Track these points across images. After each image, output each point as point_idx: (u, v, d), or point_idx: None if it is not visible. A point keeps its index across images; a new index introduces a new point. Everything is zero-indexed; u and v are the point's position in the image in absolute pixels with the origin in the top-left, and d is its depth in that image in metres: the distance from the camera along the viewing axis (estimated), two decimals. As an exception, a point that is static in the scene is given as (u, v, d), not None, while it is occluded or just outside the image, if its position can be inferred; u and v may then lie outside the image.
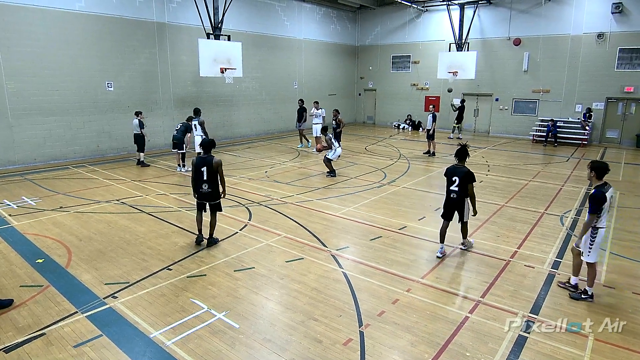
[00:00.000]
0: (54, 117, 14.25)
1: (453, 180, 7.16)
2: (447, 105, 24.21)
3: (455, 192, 7.13)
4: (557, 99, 20.66)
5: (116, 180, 12.33)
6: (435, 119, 16.25)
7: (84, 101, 14.91)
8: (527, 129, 21.37)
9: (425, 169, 14.36)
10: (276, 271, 6.60)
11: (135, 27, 15.95)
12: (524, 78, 21.44)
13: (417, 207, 9.97)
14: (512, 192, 11.35)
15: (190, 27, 17.36)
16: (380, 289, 6.04)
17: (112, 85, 15.58)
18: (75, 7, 14.28)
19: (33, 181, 12.07)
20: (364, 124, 28.20)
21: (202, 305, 5.54)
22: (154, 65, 16.70)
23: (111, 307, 5.51)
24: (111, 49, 15.39)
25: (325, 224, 8.76)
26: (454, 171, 7.22)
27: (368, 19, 26.71)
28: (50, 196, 10.62)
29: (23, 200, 10.24)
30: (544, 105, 21.06)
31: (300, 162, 15.24)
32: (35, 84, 13.70)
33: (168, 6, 16.84)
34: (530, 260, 7.00)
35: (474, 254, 7.28)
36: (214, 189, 7.34)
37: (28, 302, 5.62)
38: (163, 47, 16.87)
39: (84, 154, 15.21)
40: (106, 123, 15.62)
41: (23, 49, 13.32)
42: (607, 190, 5.52)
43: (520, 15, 21.14)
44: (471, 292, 5.96)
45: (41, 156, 14.18)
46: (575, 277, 5.98)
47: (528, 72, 21.26)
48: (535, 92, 21.19)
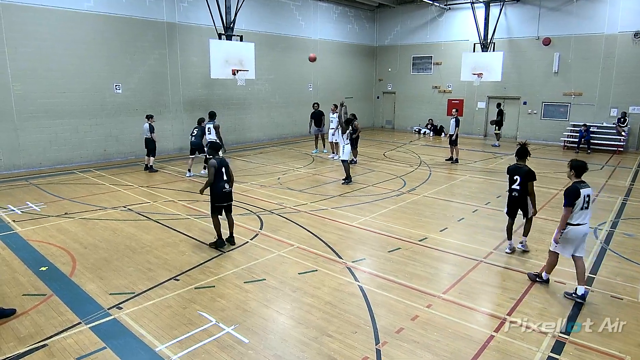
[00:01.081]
0: (60, 120, 14.55)
1: (515, 179, 7.68)
2: (471, 108, 24.06)
3: (517, 190, 7.66)
4: (590, 102, 20.33)
5: (123, 186, 12.50)
6: (459, 124, 16.12)
7: (91, 104, 15.20)
8: (558, 134, 21.06)
9: (448, 177, 14.24)
10: (288, 283, 6.59)
11: (145, 28, 16.25)
12: (554, 80, 21.17)
13: (439, 218, 9.88)
14: (541, 202, 11.15)
15: (201, 27, 17.61)
16: (398, 304, 5.98)
17: (121, 87, 15.86)
18: (84, 7, 14.61)
19: (38, 186, 12.32)
20: (383, 128, 28.15)
21: (210, 318, 5.55)
22: (163, 66, 16.96)
23: (116, 318, 5.56)
24: (120, 50, 15.69)
25: (340, 234, 8.74)
26: (515, 170, 7.71)
27: (387, 18, 26.75)
28: (55, 202, 10.82)
29: (27, 205, 10.45)
30: (576, 109, 20.74)
31: (315, 169, 15.26)
32: (42, 86, 14.02)
33: (179, 6, 17.12)
34: (560, 276, 6.85)
35: (500, 268, 7.17)
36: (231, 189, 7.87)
37: (30, 311, 5.71)
38: (173, 48, 17.14)
39: (90, 158, 15.47)
40: (114, 126, 15.89)
41: (30, 50, 13.66)
42: (583, 188, 6.10)
43: (550, 13, 20.94)
44: (497, 309, 5.86)
45: (47, 160, 14.47)
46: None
47: (559, 74, 20.99)
48: (567, 95, 20.90)
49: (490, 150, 19.81)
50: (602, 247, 8.13)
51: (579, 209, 6.08)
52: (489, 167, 15.82)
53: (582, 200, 6.05)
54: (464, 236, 8.68)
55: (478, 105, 23.98)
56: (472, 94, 23.87)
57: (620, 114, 19.39)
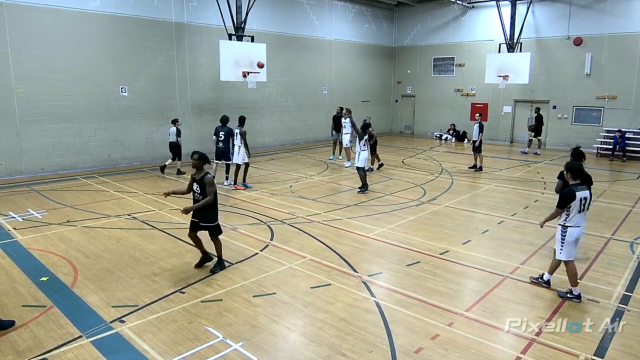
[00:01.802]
0: (64, 124, 14.81)
1: None
2: (496, 113, 23.90)
3: None
4: (625, 106, 20.02)
5: (128, 193, 12.64)
6: (483, 129, 16.02)
7: (96, 107, 15.45)
8: (590, 140, 20.75)
9: (471, 186, 14.13)
10: (300, 298, 6.57)
11: (153, 28, 16.50)
12: (586, 83, 20.92)
13: (462, 229, 9.79)
14: (572, 213, 10.99)
15: (210, 28, 17.82)
16: (417, 322, 5.92)
17: (127, 90, 16.10)
18: (90, 7, 14.90)
19: (40, 192, 12.52)
20: (401, 134, 28.09)
21: (217, 334, 5.55)
22: (171, 68, 17.19)
23: (118, 332, 5.59)
24: (126, 52, 15.96)
25: (356, 246, 8.70)
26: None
27: (406, 17, 26.79)
28: (58, 209, 10.98)
29: (29, 212, 10.62)
30: (610, 113, 20.44)
31: (329, 176, 15.26)
32: (46, 89, 14.30)
33: (188, 5, 17.36)
34: (594, 294, 6.72)
35: (527, 285, 7.06)
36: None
37: (30, 323, 5.78)
38: (181, 49, 17.36)
39: (94, 163, 15.70)
40: (119, 131, 16.11)
41: (34, 51, 13.96)
42: (579, 190, 6.38)
43: (581, 11, 20.74)
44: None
45: (49, 166, 14.72)
46: (549, 274, 6.85)
47: (591, 76, 20.74)
48: (600, 98, 20.62)
49: (517, 157, 19.62)
50: (639, 262, 7.96)
51: (576, 212, 6.36)
52: (515, 175, 15.66)
53: (578, 203, 6.33)
54: (489, 250, 8.58)
55: (504, 109, 23.80)
56: (497, 98, 23.71)
57: (658, 119, 19.07)
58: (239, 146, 13.19)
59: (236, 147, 13.36)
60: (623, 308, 6.31)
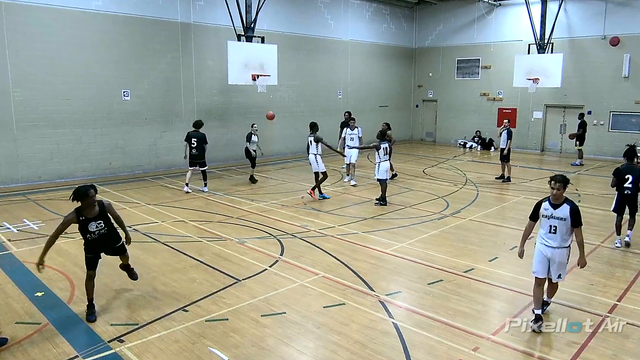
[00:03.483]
0: (62, 129, 15.03)
1: (626, 178, 9.28)
2: (525, 119, 23.74)
3: (630, 188, 9.26)
4: (668, 112, 19.78)
5: (128, 203, 12.76)
6: (511, 137, 15.91)
7: (96, 112, 15.67)
8: (629, 149, 20.48)
9: (498, 198, 14.01)
10: (312, 318, 6.54)
11: (157, 28, 16.74)
12: (625, 86, 20.72)
13: (488, 245, 9.70)
14: (609, 228, 10.81)
15: (218, 28, 18.02)
16: (439, 345, 5.86)
17: (129, 94, 16.31)
18: (92, 6, 15.18)
19: (37, 202, 12.69)
20: (422, 141, 28.02)
21: (223, 356, 5.54)
22: (176, 71, 17.39)
23: (116, 352, 5.61)
24: (129, 53, 16.20)
25: (372, 263, 8.66)
26: (627, 170, 9.39)
27: (428, 17, 26.85)
28: (55, 220, 11.06)
29: (24, 223, 10.76)
30: (651, 120, 20.21)
31: (344, 187, 15.25)
32: (44, 92, 14.55)
33: (194, 4, 17.60)
34: (634, 317, 6.59)
35: (560, 306, 6.95)
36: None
37: (23, 341, 5.82)
38: (187, 50, 17.57)
39: (94, 172, 15.89)
40: (120, 137, 16.30)
41: (33, 53, 14.23)
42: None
43: (618, 9, 20.60)
44: (556, 355, 5.66)
45: (47, 173, 14.93)
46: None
47: (629, 79, 20.55)
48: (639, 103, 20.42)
49: (549, 167, 19.42)
50: (684, 283, 7.80)
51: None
52: (546, 187, 15.44)
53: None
54: (517, 267, 8.46)
55: (534, 115, 23.64)
56: (527, 102, 23.58)
57: None
58: (316, 155, 13.43)
59: (311, 156, 13.63)
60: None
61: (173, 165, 17.61)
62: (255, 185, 15.32)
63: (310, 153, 13.44)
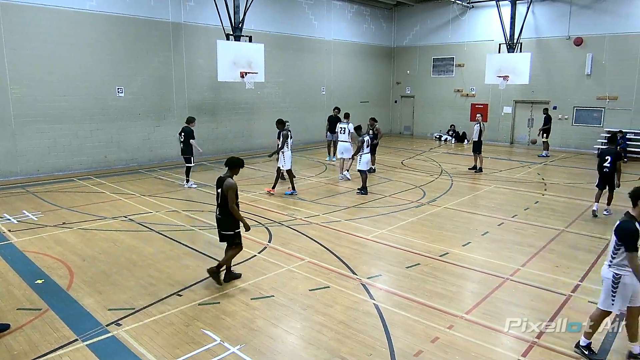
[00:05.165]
0: (59, 125, 14.79)
1: (606, 159, 10.49)
2: (496, 113, 23.94)
3: (608, 167, 10.48)
4: (626, 107, 20.06)
5: (124, 194, 12.63)
6: (483, 130, 16.04)
7: (92, 108, 15.44)
8: (591, 141, 20.80)
9: (471, 187, 14.14)
10: (298, 301, 6.56)
11: (150, 28, 16.50)
12: (587, 83, 20.97)
13: (461, 231, 9.80)
14: (573, 215, 11.03)
15: (208, 28, 17.83)
16: (417, 324, 5.92)
17: (123, 90, 16.09)
18: (86, 7, 14.90)
19: (35, 194, 12.50)
20: (401, 135, 28.11)
21: (215, 337, 5.54)
22: (168, 69, 17.19)
23: (114, 335, 5.58)
24: (123, 52, 15.95)
25: (354, 249, 8.70)
26: (607, 152, 10.65)
27: (406, 17, 26.84)
28: (53, 211, 10.96)
29: (24, 214, 10.60)
30: (611, 114, 20.48)
31: (328, 178, 15.26)
32: (41, 89, 14.29)
33: (185, 5, 17.37)
34: (595, 296, 6.69)
35: (528, 287, 7.07)
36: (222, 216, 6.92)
37: (25, 326, 5.76)
38: (178, 49, 17.36)
39: (90, 165, 15.68)
40: (115, 132, 16.10)
41: (30, 52, 13.95)
42: None
43: (581, 11, 20.79)
44: (525, 331, 5.77)
45: (45, 167, 14.70)
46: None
47: (591, 77, 20.79)
48: (601, 99, 20.67)
49: (518, 158, 19.64)
50: (640, 264, 7.97)
51: None
52: (515, 177, 15.67)
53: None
54: (489, 251, 8.59)
55: (504, 110, 23.84)
56: (497, 98, 23.76)
57: (659, 119, 19.12)
58: (344, 142, 13.34)
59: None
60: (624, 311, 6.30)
61: (166, 158, 17.47)
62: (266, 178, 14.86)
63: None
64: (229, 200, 6.68)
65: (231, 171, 6.88)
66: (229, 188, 6.67)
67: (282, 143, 12.62)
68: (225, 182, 6.72)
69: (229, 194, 6.67)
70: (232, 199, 6.69)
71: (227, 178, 6.77)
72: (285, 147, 12.65)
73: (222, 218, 6.89)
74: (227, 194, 6.68)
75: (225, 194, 6.70)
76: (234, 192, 6.69)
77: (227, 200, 6.70)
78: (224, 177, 6.80)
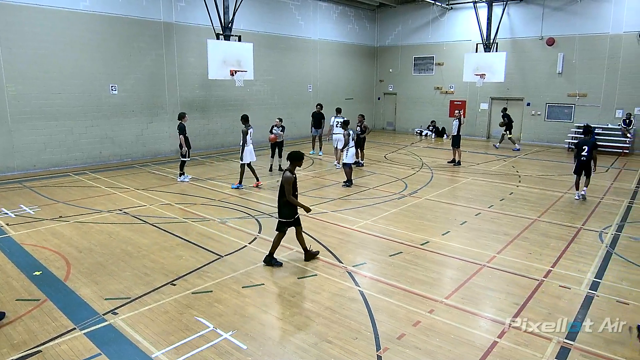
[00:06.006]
0: (55, 121, 14.56)
1: (584, 149, 11.18)
2: (473, 110, 24.10)
3: (585, 156, 11.13)
4: (595, 103, 20.36)
5: (119, 188, 12.50)
6: (461, 125, 16.14)
7: (86, 105, 15.21)
8: (562, 136, 21.08)
9: (450, 179, 14.24)
10: (287, 288, 6.58)
11: (142, 28, 16.27)
12: (559, 81, 21.20)
13: (441, 221, 9.88)
14: (545, 205, 11.18)
15: (199, 27, 17.64)
16: (400, 309, 5.98)
17: (117, 88, 15.87)
18: (80, 7, 14.64)
19: (32, 189, 12.31)
20: (384, 130, 28.17)
21: (208, 324, 5.54)
22: (160, 67, 16.98)
23: (111, 324, 5.55)
24: (116, 51, 15.72)
25: (340, 238, 8.73)
26: (585, 142, 11.28)
27: (388, 18, 26.81)
28: (50, 205, 10.81)
29: (21, 208, 10.44)
30: (581, 110, 20.76)
31: (314, 171, 15.26)
32: (37, 87, 14.04)
33: (176, 5, 17.15)
34: (565, 281, 6.85)
35: (503, 273, 7.16)
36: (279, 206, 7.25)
37: (24, 316, 5.70)
38: (170, 48, 17.16)
39: (85, 160, 15.48)
40: (109, 128, 15.89)
41: (25, 51, 13.68)
42: None
43: (553, 13, 20.98)
44: (500, 315, 5.85)
45: (41, 162, 14.47)
46: None
47: (563, 75, 21.03)
48: (571, 96, 20.93)
49: (494, 152, 19.83)
50: (607, 251, 8.12)
51: None
52: (491, 169, 15.83)
53: None
54: (467, 240, 8.68)
55: (481, 106, 24.02)
56: (475, 95, 23.92)
57: (625, 115, 19.39)
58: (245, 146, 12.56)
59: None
60: (592, 293, 6.44)
61: (159, 153, 17.31)
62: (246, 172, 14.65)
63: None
64: (286, 192, 6.99)
65: (292, 164, 7.14)
66: (285, 181, 6.98)
67: (242, 139, 12.55)
68: (283, 175, 7.04)
69: (286, 187, 6.98)
70: (289, 190, 6.99)
71: (286, 171, 7.06)
72: (247, 143, 12.50)
73: (278, 206, 7.27)
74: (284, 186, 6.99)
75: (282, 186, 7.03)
76: (289, 184, 6.96)
77: (284, 191, 7.01)
78: (284, 170, 7.12)
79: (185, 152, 13.28)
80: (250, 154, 12.63)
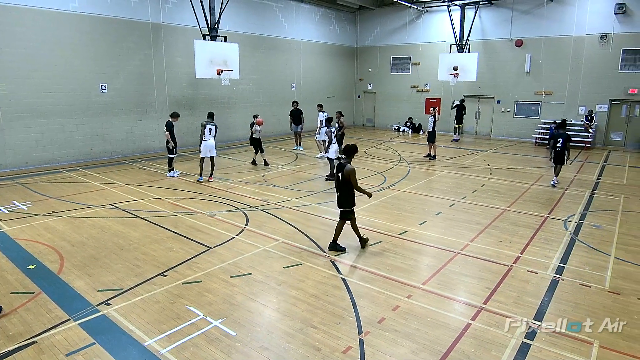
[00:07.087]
0: (46, 119, 14.23)
1: (559, 140, 11.85)
2: (447, 107, 24.31)
3: (560, 147, 11.80)
4: (559, 101, 20.72)
5: (110, 184, 12.31)
6: (436, 122, 16.27)
7: (77, 104, 14.90)
8: (530, 131, 21.43)
9: (426, 173, 14.37)
10: (274, 277, 6.58)
11: (130, 28, 15.97)
12: (526, 80, 21.51)
13: (418, 212, 9.98)
14: (514, 196, 11.36)
15: (186, 28, 17.39)
16: (380, 295, 6.04)
17: (106, 87, 15.58)
18: (69, 8, 14.29)
19: (25, 185, 12.04)
20: (364, 126, 28.24)
21: (198, 313, 5.52)
22: (149, 67, 16.71)
23: (104, 314, 5.49)
24: (105, 51, 15.40)
25: (324, 229, 8.75)
26: (559, 135, 11.96)
27: (367, 20, 26.81)
28: (42, 200, 10.60)
29: (14, 204, 10.22)
30: (547, 107, 21.12)
31: (298, 166, 15.24)
32: (28, 86, 13.69)
33: (163, 6, 16.87)
34: (533, 266, 7.00)
35: (476, 260, 7.28)
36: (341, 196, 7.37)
37: (19, 309, 5.60)
38: (158, 48, 16.89)
39: (77, 157, 15.18)
40: (99, 126, 15.60)
41: (15, 50, 13.31)
42: None
43: (522, 16, 21.24)
44: (473, 299, 5.95)
45: (33, 160, 14.15)
46: None
47: (530, 74, 21.34)
48: (538, 94, 21.27)
49: (466, 147, 20.05)
50: (571, 238, 8.31)
51: None
52: (464, 163, 16.01)
53: None
54: (442, 229, 8.79)
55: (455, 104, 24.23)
56: (449, 93, 24.10)
57: (587, 112, 19.81)
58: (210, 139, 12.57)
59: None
60: (558, 277, 6.59)
61: (149, 150, 17.07)
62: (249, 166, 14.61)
63: (211, 139, 12.70)
64: (352, 182, 7.15)
65: (349, 157, 7.31)
66: (349, 172, 7.13)
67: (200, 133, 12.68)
68: (345, 168, 7.17)
69: (351, 178, 7.13)
70: (355, 180, 7.18)
71: (347, 164, 7.20)
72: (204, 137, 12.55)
73: (340, 197, 7.37)
74: (349, 178, 7.13)
75: (347, 178, 7.14)
76: (354, 174, 7.16)
77: (346, 182, 7.16)
78: (344, 164, 7.24)
79: (172, 148, 13.11)
80: (204, 148, 12.57)
